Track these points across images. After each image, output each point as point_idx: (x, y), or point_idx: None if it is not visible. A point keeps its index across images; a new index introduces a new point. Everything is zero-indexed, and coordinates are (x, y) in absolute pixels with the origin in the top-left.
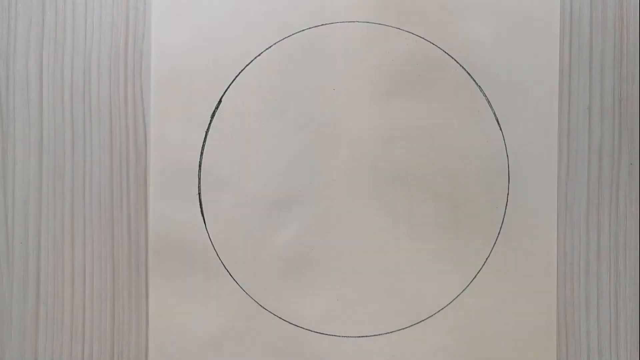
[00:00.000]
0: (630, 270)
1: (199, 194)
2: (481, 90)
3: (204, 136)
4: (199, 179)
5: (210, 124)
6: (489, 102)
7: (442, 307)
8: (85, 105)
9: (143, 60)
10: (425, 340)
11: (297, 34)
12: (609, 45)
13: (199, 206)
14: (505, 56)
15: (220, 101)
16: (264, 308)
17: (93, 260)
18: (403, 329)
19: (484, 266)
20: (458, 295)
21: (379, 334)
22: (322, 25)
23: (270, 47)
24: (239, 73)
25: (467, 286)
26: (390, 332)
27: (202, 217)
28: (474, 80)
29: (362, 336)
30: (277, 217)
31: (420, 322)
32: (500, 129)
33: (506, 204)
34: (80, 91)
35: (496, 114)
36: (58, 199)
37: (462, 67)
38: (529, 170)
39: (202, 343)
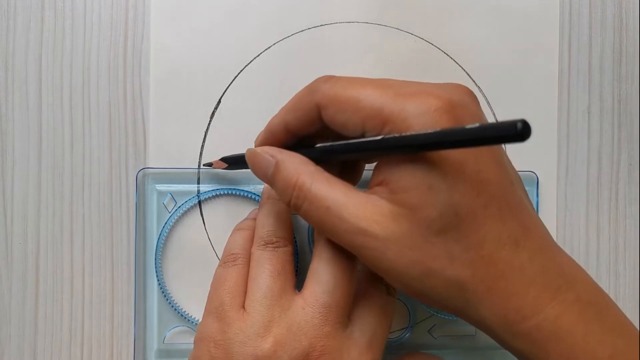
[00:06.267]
0: (629, 270)
1: (198, 194)
2: (481, 90)
3: (203, 136)
4: (198, 179)
5: (209, 124)
6: (488, 102)
7: None
8: (84, 105)
9: (142, 60)
10: None
11: (297, 34)
12: (608, 46)
13: (198, 206)
14: (505, 56)
15: (219, 101)
16: None
17: (92, 260)
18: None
19: None
20: None
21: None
22: (321, 25)
23: (270, 47)
24: (239, 73)
25: None
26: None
27: (201, 218)
28: (474, 81)
29: None
30: None
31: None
32: None
33: None
34: (79, 91)
35: (496, 114)
36: (57, 199)
37: (462, 68)
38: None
39: None
